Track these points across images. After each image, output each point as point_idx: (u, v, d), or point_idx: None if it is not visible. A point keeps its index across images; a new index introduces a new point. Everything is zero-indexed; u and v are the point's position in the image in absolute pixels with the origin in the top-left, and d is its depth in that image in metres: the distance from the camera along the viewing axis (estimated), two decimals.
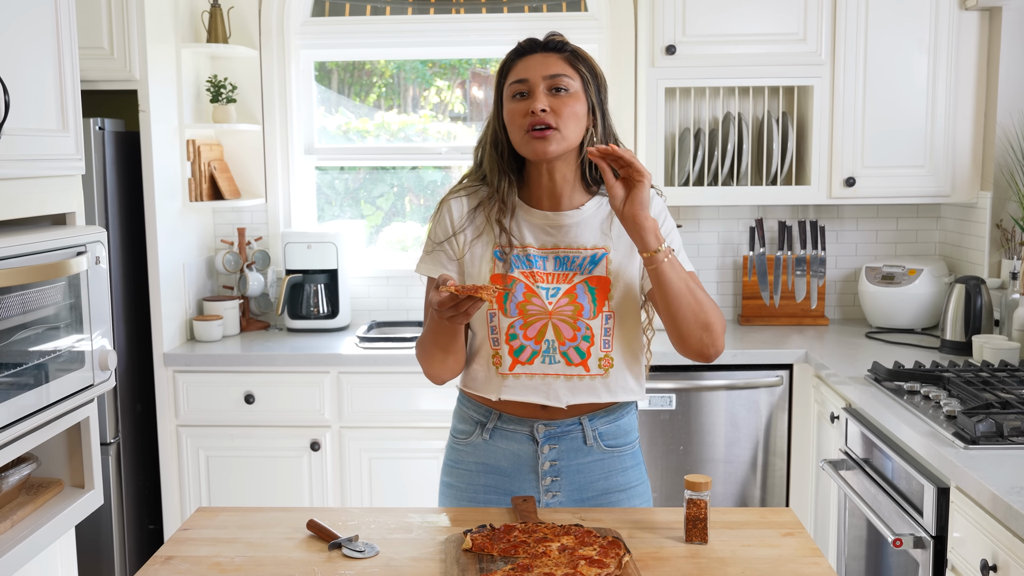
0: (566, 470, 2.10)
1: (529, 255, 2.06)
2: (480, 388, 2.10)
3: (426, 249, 2.14)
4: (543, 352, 2.04)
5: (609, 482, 2.12)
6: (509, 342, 2.05)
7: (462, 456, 2.17)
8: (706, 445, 3.60)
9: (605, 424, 2.11)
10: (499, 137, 2.08)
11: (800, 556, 1.80)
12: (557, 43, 2.04)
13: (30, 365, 2.33)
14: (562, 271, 2.05)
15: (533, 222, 2.08)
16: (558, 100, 1.99)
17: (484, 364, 2.09)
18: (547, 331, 2.04)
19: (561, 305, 2.03)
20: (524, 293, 2.03)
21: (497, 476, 2.12)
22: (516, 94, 2.02)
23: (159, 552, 1.84)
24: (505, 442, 2.11)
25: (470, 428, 2.15)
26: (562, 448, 2.09)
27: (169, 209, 3.76)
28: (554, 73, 2.00)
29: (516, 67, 2.04)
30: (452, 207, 2.12)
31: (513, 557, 1.72)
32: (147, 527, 3.81)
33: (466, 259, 2.09)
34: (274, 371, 3.68)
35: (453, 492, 2.18)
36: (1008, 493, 2.00)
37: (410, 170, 4.44)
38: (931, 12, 3.65)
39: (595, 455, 2.11)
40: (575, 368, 2.05)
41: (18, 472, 2.39)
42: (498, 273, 2.05)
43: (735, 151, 3.79)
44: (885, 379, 2.97)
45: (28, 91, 2.35)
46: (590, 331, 2.04)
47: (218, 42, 3.96)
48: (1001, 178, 3.66)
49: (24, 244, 2.28)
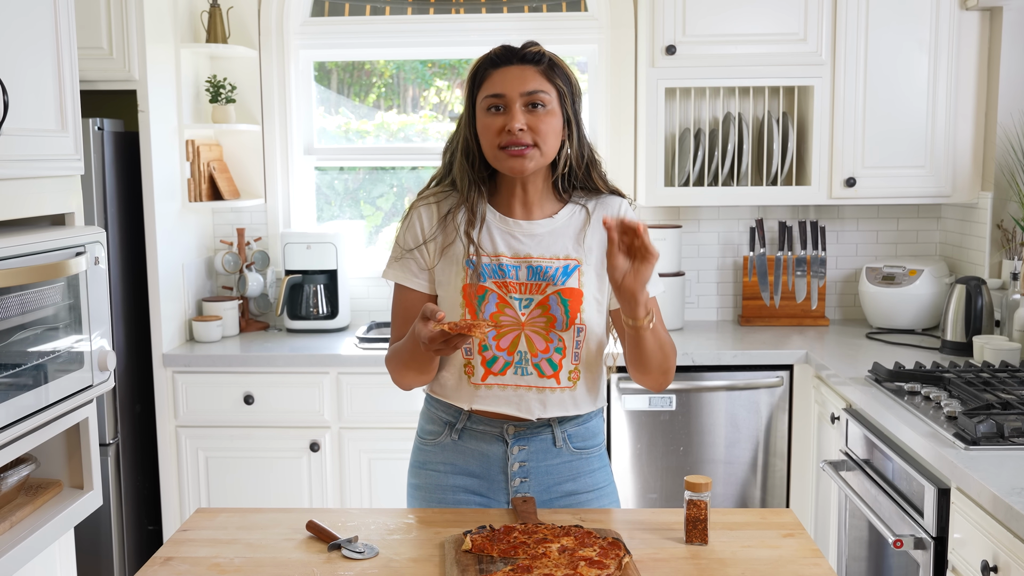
0: (535, 471, 2.09)
1: (502, 264, 2.03)
2: (451, 396, 2.09)
3: (394, 255, 2.11)
4: (515, 363, 2.03)
5: (577, 483, 2.12)
6: (482, 352, 2.03)
7: (430, 457, 2.15)
8: (706, 446, 3.60)
9: (574, 427, 2.11)
10: (470, 145, 2.05)
11: (800, 557, 1.80)
12: (534, 55, 2.00)
13: (29, 366, 2.33)
14: (534, 281, 2.03)
15: (505, 230, 2.06)
16: (535, 117, 1.97)
17: (455, 373, 2.08)
18: (520, 342, 2.03)
19: (534, 316, 2.02)
20: (497, 304, 2.02)
21: (466, 477, 2.11)
22: (491, 107, 1.99)
23: (158, 553, 1.84)
24: (475, 443, 2.10)
25: (439, 428, 2.14)
26: (532, 449, 2.09)
27: (168, 209, 3.76)
28: (532, 89, 1.97)
29: (492, 78, 2.00)
30: (422, 214, 2.09)
31: (513, 558, 1.72)
32: (146, 528, 3.80)
33: (437, 268, 2.07)
34: (273, 372, 3.68)
35: (420, 494, 2.16)
36: (1009, 494, 2.00)
37: (410, 170, 4.44)
38: (932, 12, 3.65)
39: (564, 456, 2.11)
40: (547, 380, 2.04)
41: (17, 473, 2.38)
42: (470, 283, 2.02)
43: (735, 151, 3.79)
44: (886, 380, 2.96)
45: (27, 91, 2.35)
46: (562, 343, 2.03)
47: (217, 42, 3.96)
48: (1002, 178, 3.65)
49: (23, 244, 2.28)
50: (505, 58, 2.01)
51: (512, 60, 2.00)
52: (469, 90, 2.05)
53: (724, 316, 4.25)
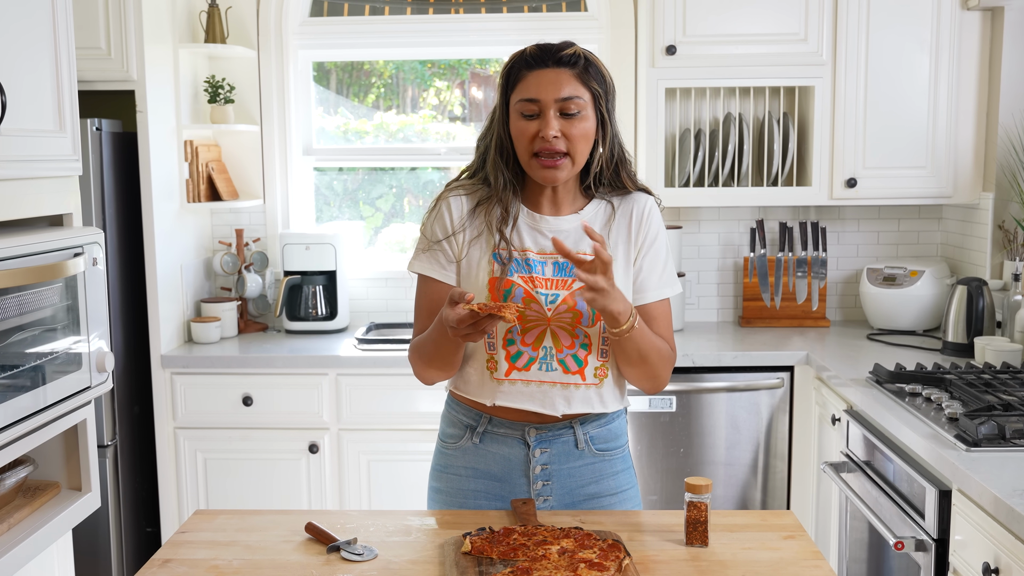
0: (557, 474, 2.08)
1: (528, 259, 2.03)
2: (473, 392, 2.08)
3: (421, 246, 2.10)
4: (540, 359, 2.02)
5: (600, 486, 2.11)
6: (506, 347, 2.02)
7: (451, 460, 2.14)
8: (706, 447, 3.59)
9: (596, 428, 2.10)
10: (504, 145, 2.04)
11: (801, 559, 1.79)
12: (570, 56, 1.98)
13: (27, 367, 2.33)
14: (561, 277, 2.02)
15: (533, 226, 2.06)
16: (569, 123, 1.96)
17: (478, 368, 2.06)
18: (545, 337, 2.02)
19: (560, 312, 2.01)
20: (523, 298, 2.00)
21: (487, 480, 2.10)
22: (526, 112, 1.98)
23: (157, 555, 1.84)
24: (496, 446, 2.09)
25: (459, 432, 2.13)
26: (554, 452, 2.08)
27: (167, 210, 3.75)
28: (566, 96, 1.95)
29: (526, 80, 1.98)
30: (452, 205, 2.08)
31: (512, 560, 1.71)
32: (145, 530, 3.79)
33: (463, 262, 2.07)
34: (272, 373, 3.67)
35: (442, 497, 2.16)
36: (1010, 496, 2.00)
37: (409, 171, 4.43)
38: (933, 12, 3.64)
39: (586, 459, 2.09)
40: (571, 376, 2.03)
41: (15, 475, 2.38)
42: (496, 277, 2.02)
43: (736, 152, 3.78)
44: (887, 381, 2.96)
45: (25, 91, 2.35)
46: (588, 339, 2.03)
47: (216, 42, 3.95)
48: (1003, 179, 3.64)
49: (21, 245, 2.28)
50: (540, 59, 1.99)
51: (547, 62, 1.98)
52: (503, 89, 2.03)
53: (724, 317, 4.24)
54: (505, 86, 2.03)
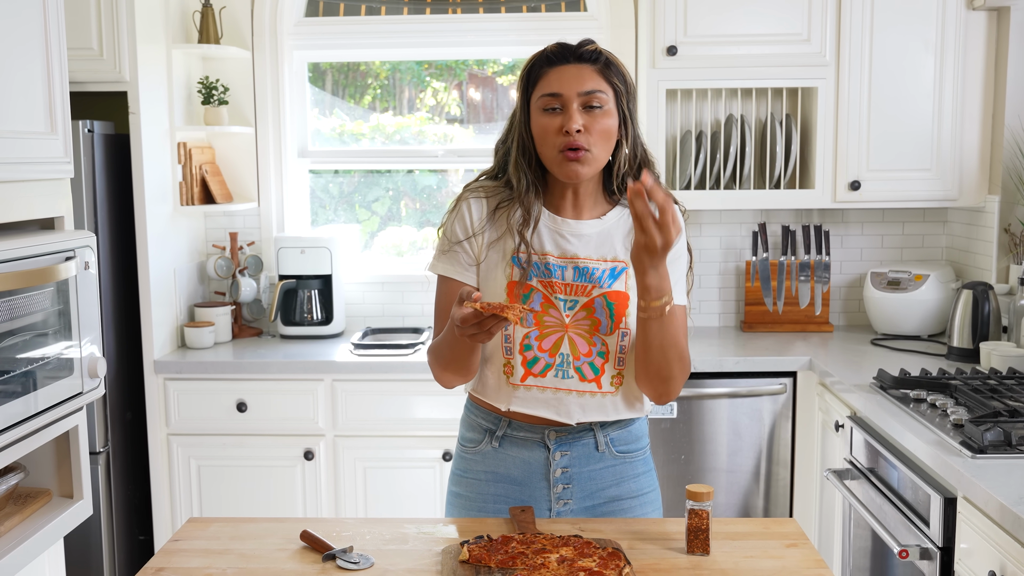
0: (578, 477, 2.07)
1: (548, 264, 2.01)
2: (490, 396, 2.06)
3: (441, 248, 2.08)
4: (556, 365, 2.01)
5: (621, 488, 2.09)
6: (523, 352, 2.01)
7: (471, 465, 2.13)
8: (708, 454, 3.56)
9: (617, 430, 2.09)
10: (527, 145, 2.02)
11: (804, 568, 1.78)
12: (591, 53, 1.98)
13: (18, 372, 2.34)
14: (580, 283, 2.01)
15: (553, 229, 2.04)
16: (591, 117, 1.95)
17: (495, 372, 2.05)
18: (563, 344, 2.00)
19: (579, 318, 2.00)
20: (541, 304, 1.99)
21: (507, 485, 2.09)
22: (548, 107, 1.96)
23: (149, 563, 1.83)
24: (516, 450, 2.08)
25: (479, 436, 2.12)
26: (574, 455, 2.06)
27: (160, 213, 3.72)
28: (589, 89, 1.95)
29: (548, 77, 1.98)
30: (472, 206, 2.06)
31: (511, 569, 1.69)
32: (137, 538, 3.77)
33: (482, 264, 2.05)
34: (267, 379, 3.64)
35: (461, 502, 2.14)
36: (1016, 503, 1.99)
37: (406, 173, 4.40)
38: (938, 12, 3.62)
39: (607, 461, 2.08)
40: (587, 384, 2.01)
41: (5, 482, 2.38)
42: (515, 281, 2.00)
43: (737, 154, 3.76)
44: (891, 387, 2.94)
45: (16, 93, 2.35)
46: (606, 347, 2.01)
47: (210, 43, 3.93)
48: (1009, 182, 3.62)
49: (12, 249, 2.28)
50: (561, 56, 1.99)
51: (568, 59, 1.98)
52: (524, 88, 2.03)
53: (726, 322, 4.21)
54: (526, 85, 2.02)
